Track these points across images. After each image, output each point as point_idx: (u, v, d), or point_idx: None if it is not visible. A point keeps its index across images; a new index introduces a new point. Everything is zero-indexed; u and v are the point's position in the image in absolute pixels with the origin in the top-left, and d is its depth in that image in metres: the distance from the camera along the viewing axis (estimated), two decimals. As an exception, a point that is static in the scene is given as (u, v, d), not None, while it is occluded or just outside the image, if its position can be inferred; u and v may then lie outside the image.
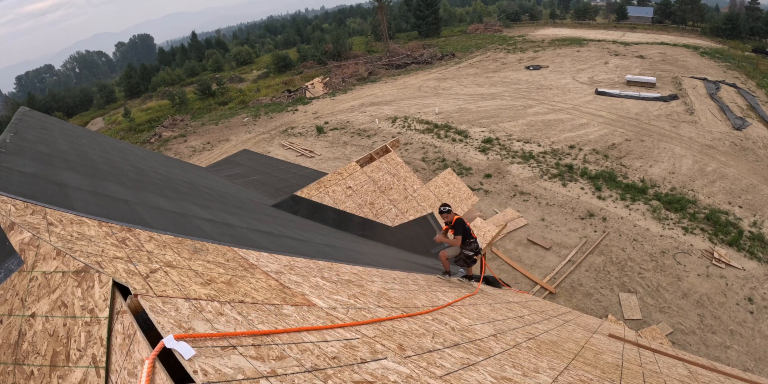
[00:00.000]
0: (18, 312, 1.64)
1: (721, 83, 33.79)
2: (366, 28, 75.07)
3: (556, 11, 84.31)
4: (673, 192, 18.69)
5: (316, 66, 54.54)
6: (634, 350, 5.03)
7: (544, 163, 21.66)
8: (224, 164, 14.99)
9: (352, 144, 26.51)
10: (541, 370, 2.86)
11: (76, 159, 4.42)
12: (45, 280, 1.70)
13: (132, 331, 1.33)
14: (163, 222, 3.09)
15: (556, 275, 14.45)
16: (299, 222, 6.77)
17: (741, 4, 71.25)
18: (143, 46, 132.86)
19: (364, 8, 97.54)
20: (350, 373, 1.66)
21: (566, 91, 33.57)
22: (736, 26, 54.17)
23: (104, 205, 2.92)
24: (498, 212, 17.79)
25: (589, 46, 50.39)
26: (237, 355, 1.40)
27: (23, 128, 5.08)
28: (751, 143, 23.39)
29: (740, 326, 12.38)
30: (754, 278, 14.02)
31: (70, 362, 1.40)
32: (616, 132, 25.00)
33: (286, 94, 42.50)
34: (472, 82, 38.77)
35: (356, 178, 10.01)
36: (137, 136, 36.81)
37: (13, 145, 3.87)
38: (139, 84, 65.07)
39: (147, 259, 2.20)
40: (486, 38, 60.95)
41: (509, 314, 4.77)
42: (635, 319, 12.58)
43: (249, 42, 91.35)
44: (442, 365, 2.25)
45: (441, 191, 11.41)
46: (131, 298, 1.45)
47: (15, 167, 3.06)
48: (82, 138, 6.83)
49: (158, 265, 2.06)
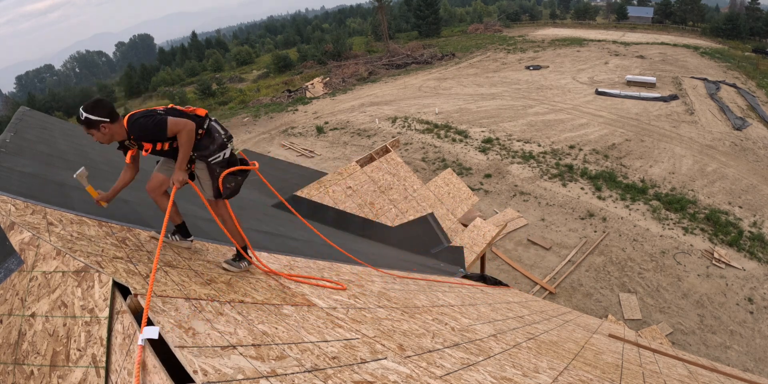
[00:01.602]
0: (18, 312, 1.64)
1: (721, 83, 33.78)
2: (366, 28, 75.06)
3: (556, 11, 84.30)
4: (673, 192, 18.69)
5: (316, 66, 54.53)
6: (634, 350, 5.03)
7: (544, 163, 21.66)
8: (224, 164, 14.98)
9: (352, 144, 26.51)
10: (541, 370, 2.86)
11: (76, 159, 4.43)
12: (45, 279, 1.70)
13: (132, 331, 1.33)
14: (163, 222, 3.09)
15: (556, 275, 14.45)
16: (299, 222, 6.77)
17: (741, 4, 71.23)
18: (143, 46, 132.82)
19: (364, 8, 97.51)
20: (350, 373, 1.66)
21: (566, 91, 33.56)
22: (736, 26, 54.15)
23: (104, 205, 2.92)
24: (498, 212, 17.79)
25: (589, 46, 50.38)
26: (237, 355, 1.40)
27: (23, 128, 5.08)
28: (752, 143, 23.38)
29: (740, 326, 12.38)
30: (754, 278, 14.02)
31: (70, 362, 1.40)
32: (616, 132, 25.00)
33: (286, 94, 42.50)
34: (472, 82, 38.76)
35: (356, 178, 10.01)
36: (137, 136, 36.76)
37: (13, 145, 3.87)
38: (139, 84, 65.04)
39: (147, 259, 2.20)
40: (486, 38, 60.93)
41: (509, 314, 4.77)
42: (635, 319, 12.58)
43: (249, 42, 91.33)
44: (442, 365, 2.25)
45: (441, 191, 11.42)
46: (131, 298, 1.45)
47: (15, 167, 3.06)
48: (82, 138, 6.84)
49: (158, 264, 2.06)
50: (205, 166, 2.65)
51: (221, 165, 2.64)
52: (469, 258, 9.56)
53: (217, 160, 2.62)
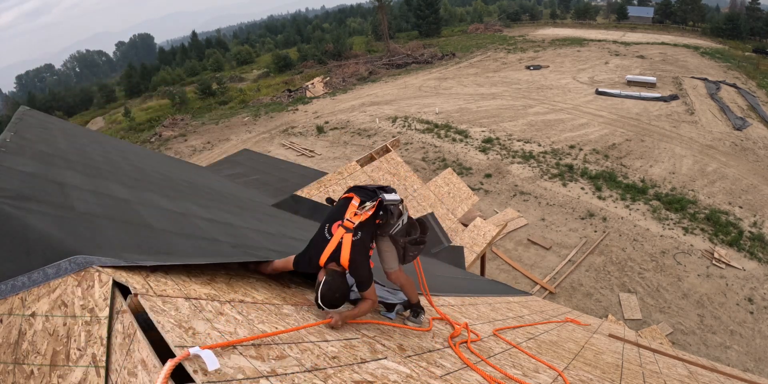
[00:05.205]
0: (18, 311, 1.64)
1: (721, 83, 33.78)
2: (366, 28, 75.01)
3: (557, 11, 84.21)
4: (674, 192, 18.69)
5: (316, 65, 54.51)
6: (634, 350, 5.03)
7: (544, 163, 21.66)
8: (224, 164, 14.98)
9: (352, 144, 26.51)
10: (541, 370, 2.87)
11: (76, 158, 4.43)
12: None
13: (132, 330, 1.33)
14: (163, 221, 3.09)
15: (556, 275, 14.45)
16: (299, 222, 6.77)
17: (741, 4, 71.22)
18: (143, 46, 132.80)
19: (365, 8, 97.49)
20: (350, 373, 1.66)
21: (566, 91, 33.56)
22: (736, 26, 54.13)
23: (104, 205, 2.92)
24: (498, 212, 17.79)
25: (590, 46, 50.36)
26: (237, 354, 1.40)
27: (23, 127, 5.08)
28: (752, 143, 23.38)
29: (740, 326, 12.39)
30: (754, 278, 14.02)
31: (70, 362, 1.40)
32: (617, 132, 25.00)
33: (286, 93, 42.50)
34: (473, 81, 38.76)
35: (356, 178, 10.01)
36: (137, 136, 36.81)
37: (13, 145, 3.87)
38: (139, 83, 64.99)
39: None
40: (486, 38, 60.91)
41: (509, 314, 4.77)
42: (635, 319, 12.58)
43: (249, 41, 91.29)
44: (442, 365, 2.25)
45: (441, 191, 11.42)
46: (131, 297, 1.45)
47: (15, 167, 3.06)
48: (83, 137, 6.83)
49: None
50: (387, 239, 2.50)
51: (401, 234, 2.46)
52: (469, 258, 9.57)
53: (397, 231, 2.45)
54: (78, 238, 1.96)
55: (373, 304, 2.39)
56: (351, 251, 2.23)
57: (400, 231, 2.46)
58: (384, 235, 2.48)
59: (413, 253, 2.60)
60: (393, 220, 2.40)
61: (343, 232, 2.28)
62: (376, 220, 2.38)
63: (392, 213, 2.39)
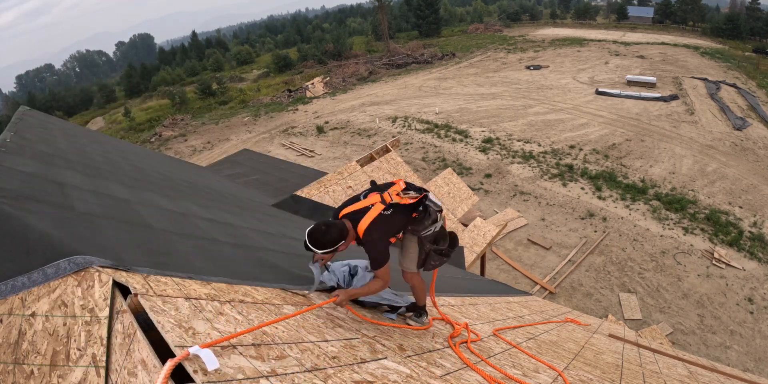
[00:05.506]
0: (18, 311, 1.64)
1: (721, 83, 33.78)
2: (366, 28, 75.00)
3: (557, 11, 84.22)
4: (674, 192, 18.69)
5: (316, 65, 54.51)
6: (634, 350, 5.03)
7: (544, 163, 21.66)
8: (224, 164, 14.98)
9: (352, 144, 26.51)
10: (541, 370, 2.87)
11: (76, 158, 4.42)
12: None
13: (132, 330, 1.33)
14: (163, 221, 3.09)
15: (556, 275, 14.45)
16: (299, 222, 6.77)
17: (741, 4, 71.22)
18: (143, 46, 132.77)
19: (365, 8, 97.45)
20: (350, 373, 1.66)
21: (566, 91, 33.56)
22: (736, 26, 54.13)
23: (104, 205, 2.92)
24: (498, 212, 17.79)
25: (590, 46, 50.36)
26: (237, 354, 1.40)
27: (23, 127, 5.08)
28: (752, 143, 23.38)
29: (740, 326, 12.39)
30: (754, 278, 14.02)
31: (70, 362, 1.40)
32: (617, 132, 25.00)
33: (286, 93, 42.49)
34: (473, 81, 38.75)
35: (356, 178, 10.01)
36: (137, 136, 36.81)
37: (13, 145, 3.87)
38: (139, 83, 64.99)
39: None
40: (486, 38, 60.92)
41: (509, 314, 4.77)
42: (635, 319, 12.58)
43: (249, 41, 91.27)
44: (442, 365, 2.25)
45: (441, 191, 11.42)
46: (131, 297, 1.45)
47: (15, 167, 3.06)
48: (83, 137, 6.84)
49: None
50: (415, 239, 2.52)
51: (429, 239, 2.50)
52: (470, 258, 9.57)
53: (427, 234, 2.48)
54: (78, 238, 1.96)
55: (384, 285, 2.35)
56: (373, 220, 2.20)
57: (429, 236, 2.49)
58: (414, 234, 2.50)
59: (435, 262, 2.60)
60: (428, 221, 2.42)
61: (377, 200, 2.27)
62: (413, 213, 2.37)
63: (429, 214, 2.40)
